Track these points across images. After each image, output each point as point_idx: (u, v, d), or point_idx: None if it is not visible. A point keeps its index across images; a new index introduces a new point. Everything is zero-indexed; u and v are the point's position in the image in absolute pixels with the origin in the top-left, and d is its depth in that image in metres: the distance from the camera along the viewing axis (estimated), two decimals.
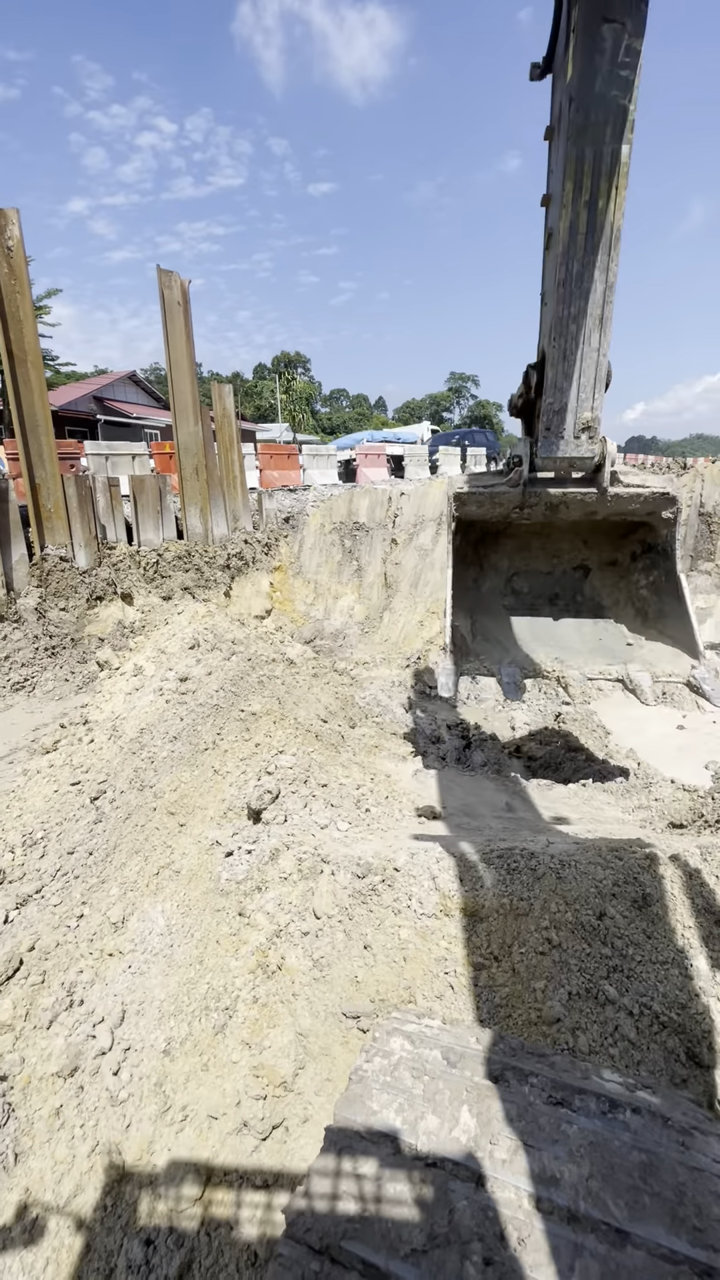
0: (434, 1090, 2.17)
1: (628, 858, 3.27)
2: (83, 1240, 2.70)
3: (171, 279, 11.20)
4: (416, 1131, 2.04)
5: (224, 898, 3.76)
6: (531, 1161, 1.90)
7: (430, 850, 3.47)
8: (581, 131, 3.81)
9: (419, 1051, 2.31)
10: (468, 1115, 2.07)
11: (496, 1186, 1.86)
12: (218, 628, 8.47)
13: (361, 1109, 2.15)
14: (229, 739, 5.00)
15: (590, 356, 4.43)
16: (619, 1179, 1.84)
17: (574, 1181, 1.84)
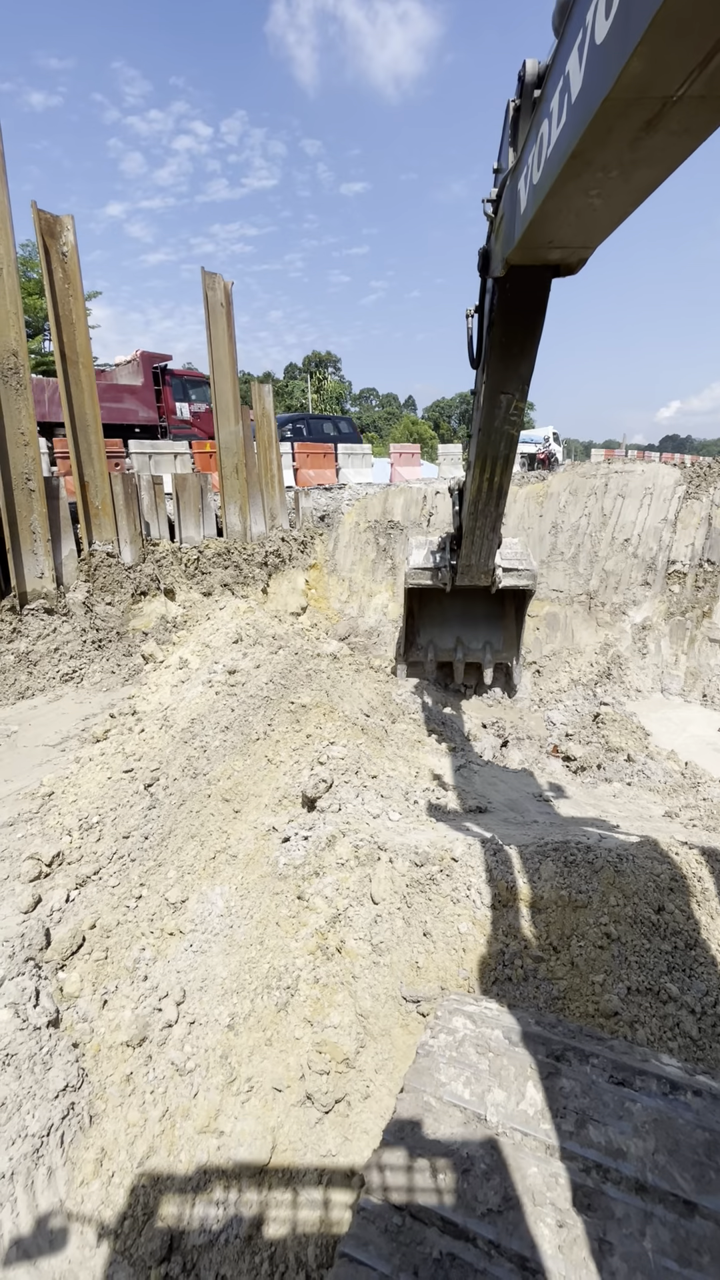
0: (499, 1066, 2.24)
1: (685, 854, 3.30)
2: (157, 1201, 2.83)
3: (215, 281, 11.41)
4: (485, 1103, 2.12)
5: (282, 881, 3.88)
6: (598, 1134, 1.97)
7: (486, 842, 3.54)
8: (485, 445, 6.34)
9: (481, 1030, 2.39)
10: (534, 1089, 2.14)
11: (565, 1156, 1.93)
12: (259, 623, 8.64)
13: (430, 1080, 2.23)
14: (280, 729, 5.13)
15: (487, 544, 8.34)
16: (684, 1154, 1.90)
17: (640, 1155, 1.90)
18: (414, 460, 19.16)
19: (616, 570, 12.18)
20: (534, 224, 3.44)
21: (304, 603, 13.91)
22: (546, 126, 2.99)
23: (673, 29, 1.72)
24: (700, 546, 11.69)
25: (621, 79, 1.95)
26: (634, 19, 1.81)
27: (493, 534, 8.09)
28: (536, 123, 3.22)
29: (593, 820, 4.76)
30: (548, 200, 3.08)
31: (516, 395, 5.68)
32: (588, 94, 2.30)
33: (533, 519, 13.65)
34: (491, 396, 5.74)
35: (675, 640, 11.15)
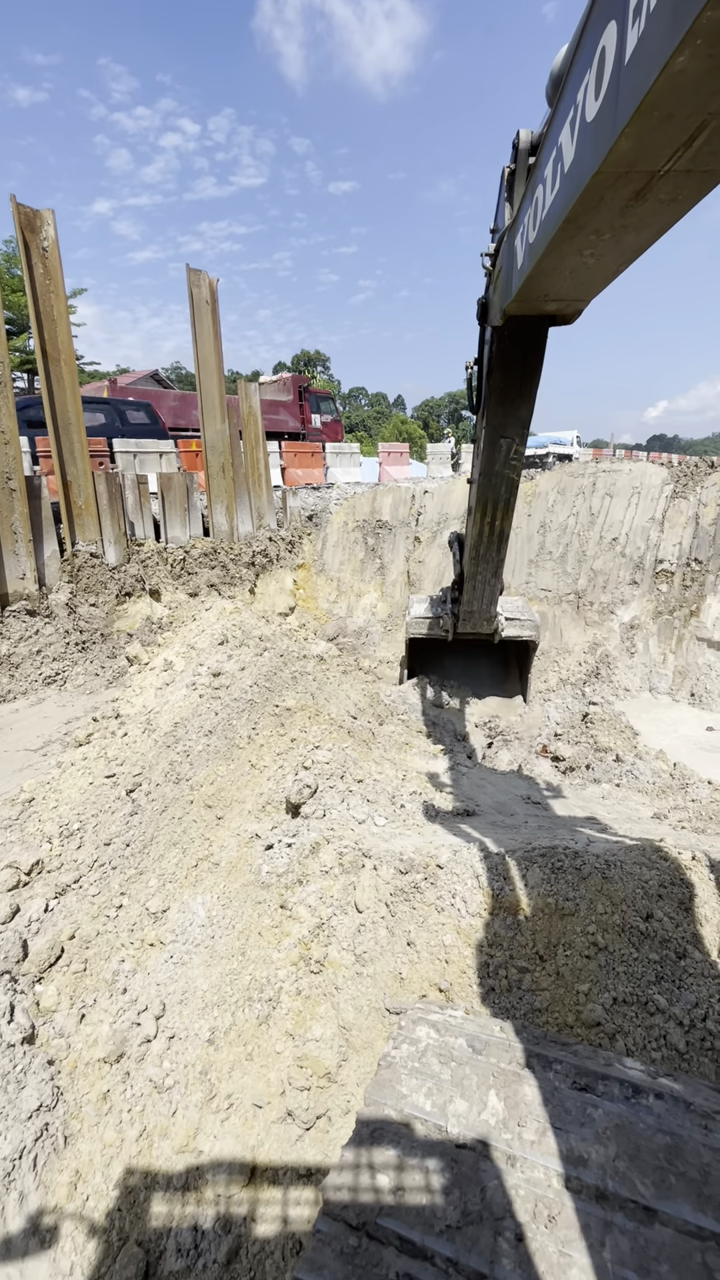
0: (461, 1075, 2.18)
1: (673, 858, 3.24)
2: (133, 1224, 2.74)
3: (200, 278, 11.28)
4: (446, 1114, 2.06)
5: (265, 890, 3.80)
6: (559, 1142, 1.92)
7: (472, 847, 3.48)
8: (486, 489, 6.35)
9: (445, 1040, 2.33)
10: (495, 1099, 2.09)
11: (526, 1166, 1.87)
12: (245, 624, 8.54)
13: (391, 1093, 2.17)
14: (264, 733, 5.04)
15: (488, 590, 8.20)
16: (645, 1160, 1.86)
17: (601, 1162, 1.85)
18: (403, 460, 19.11)
19: (604, 569, 12.18)
20: (530, 279, 3.59)
21: (292, 603, 13.81)
22: (541, 191, 3.13)
23: (659, 114, 1.79)
24: (688, 545, 11.72)
25: (611, 155, 2.04)
26: (622, 103, 1.88)
27: (495, 579, 8.00)
28: (532, 186, 3.37)
29: (581, 822, 4.71)
30: (543, 259, 3.21)
31: (516, 440, 5.75)
32: (579, 166, 2.41)
33: (521, 518, 13.61)
34: (491, 441, 5.80)
35: (663, 639, 11.17)
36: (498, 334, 4.91)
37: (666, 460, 16.96)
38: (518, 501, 14.13)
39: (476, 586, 8.11)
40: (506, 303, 4.25)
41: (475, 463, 6.65)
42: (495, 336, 5.01)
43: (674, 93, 1.69)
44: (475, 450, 6.61)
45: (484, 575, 7.86)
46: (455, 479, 15.50)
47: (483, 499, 6.52)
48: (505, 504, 6.55)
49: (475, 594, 8.27)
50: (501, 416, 5.55)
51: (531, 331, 4.68)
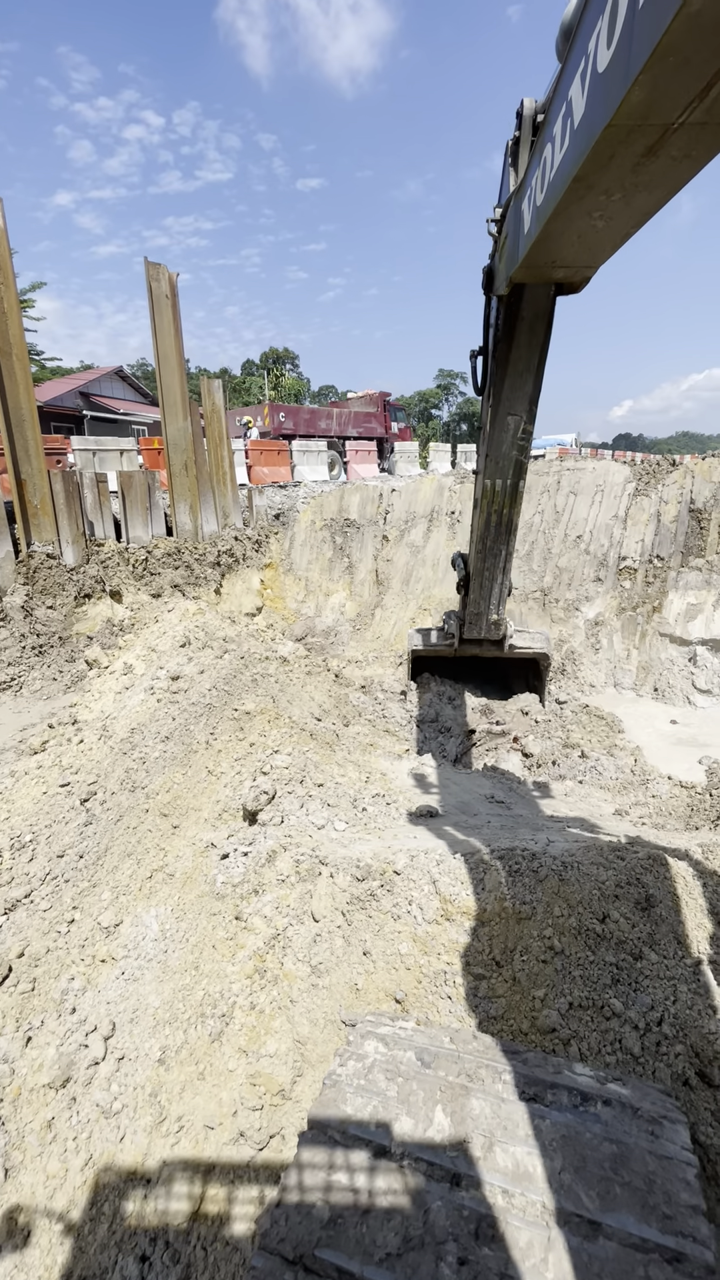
0: (408, 1091, 2.12)
1: (630, 858, 3.23)
2: (76, 1257, 2.62)
3: (159, 272, 11.03)
4: (391, 1134, 2.00)
5: (220, 901, 3.69)
6: (505, 1157, 1.87)
7: (430, 852, 3.42)
8: (494, 472, 6.11)
9: (393, 1054, 2.26)
10: (441, 1115, 2.03)
11: (471, 1184, 1.82)
12: (209, 625, 8.37)
13: (335, 1113, 2.10)
14: (223, 738, 4.91)
15: (497, 588, 7.79)
16: (591, 1171, 1.83)
17: (547, 1175, 1.81)
18: (370, 458, 19.03)
19: (569, 567, 12.30)
20: (538, 244, 3.47)
21: (259, 603, 13.63)
22: (549, 150, 3.00)
23: (673, 60, 1.72)
24: (650, 542, 11.89)
25: (623, 107, 1.96)
26: (635, 49, 1.81)
27: (503, 576, 7.59)
28: (540, 146, 3.25)
29: (544, 821, 4.70)
30: (551, 221, 3.09)
31: (524, 417, 5.56)
32: (590, 120, 2.30)
33: None
34: (498, 419, 5.61)
35: (627, 635, 11.32)
36: (504, 303, 4.78)
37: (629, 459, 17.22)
38: None
39: (483, 584, 7.66)
40: (513, 270, 4.12)
41: (480, 448, 6.39)
42: (501, 306, 4.88)
43: (690, 36, 1.61)
44: (480, 438, 6.36)
45: (491, 571, 7.40)
46: (423, 478, 15.49)
47: (489, 484, 6.24)
48: (513, 489, 6.24)
49: (482, 592, 7.82)
50: (509, 392, 5.37)
51: (538, 300, 4.56)
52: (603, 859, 3.23)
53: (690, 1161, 1.86)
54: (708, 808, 4.66)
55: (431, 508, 14.29)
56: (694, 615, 10.95)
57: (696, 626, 10.83)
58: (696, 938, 2.89)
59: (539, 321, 4.79)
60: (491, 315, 5.24)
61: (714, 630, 10.68)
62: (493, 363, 5.35)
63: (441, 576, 13.96)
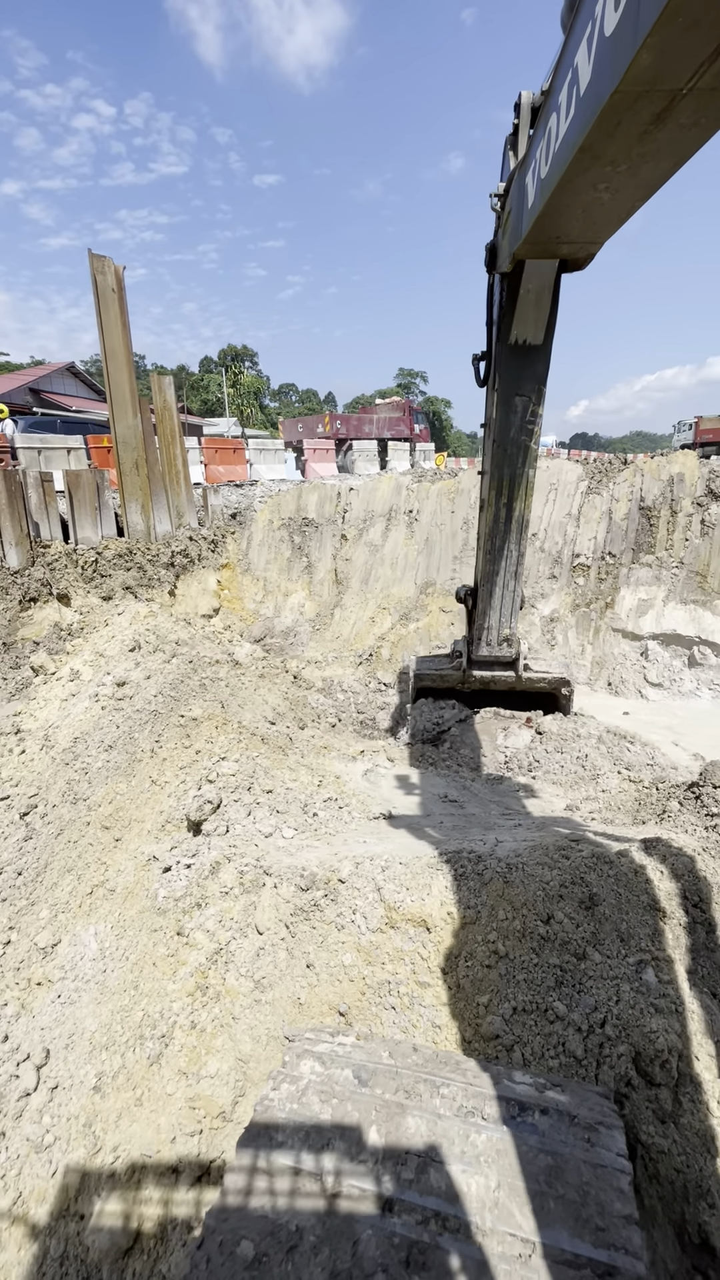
0: (342, 1114, 2.06)
1: (574, 856, 3.23)
2: None
3: (105, 264, 10.69)
4: (321, 1161, 1.93)
5: (161, 916, 3.55)
6: (439, 1178, 1.83)
7: (376, 858, 3.35)
8: (501, 460, 5.72)
9: (330, 1073, 2.19)
10: (375, 1136, 1.97)
11: (403, 1210, 1.77)
12: (160, 628, 8.15)
13: (265, 1142, 2.02)
14: (168, 746, 4.76)
15: (508, 596, 6.82)
16: (525, 1186, 1.80)
17: (480, 1194, 1.78)
18: (329, 456, 18.93)
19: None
20: (542, 218, 3.37)
21: (216, 604, 13.39)
22: (554, 120, 2.90)
23: (683, 21, 1.68)
24: (602, 540, 12.12)
25: (630, 71, 1.91)
26: (644, 11, 1.77)
27: (515, 582, 6.64)
28: (545, 115, 3.15)
29: (495, 821, 4.70)
30: (555, 194, 2.99)
31: (532, 398, 5.27)
32: (596, 87, 2.23)
33: (445, 515, 13.75)
34: (505, 401, 5.31)
35: (581, 631, 11.50)
36: (507, 280, 4.65)
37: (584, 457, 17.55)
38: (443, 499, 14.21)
39: (494, 591, 6.73)
40: (516, 245, 4.02)
41: (486, 441, 6.03)
42: (504, 284, 4.76)
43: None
44: (486, 433, 6.01)
45: (501, 576, 6.55)
46: (381, 477, 15.47)
47: (498, 474, 5.81)
48: (524, 480, 5.84)
49: (491, 602, 6.87)
50: (515, 372, 5.13)
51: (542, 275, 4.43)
52: (548, 859, 3.22)
53: (624, 1169, 1.85)
54: (654, 802, 4.73)
55: (389, 506, 14.28)
56: (645, 611, 11.20)
57: (647, 622, 11.08)
58: (639, 935, 2.90)
59: (545, 294, 4.63)
60: (495, 294, 5.08)
61: (664, 625, 10.95)
62: (497, 343, 5.14)
63: (400, 575, 13.97)
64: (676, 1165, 2.40)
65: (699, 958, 2.94)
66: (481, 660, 7.56)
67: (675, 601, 11.56)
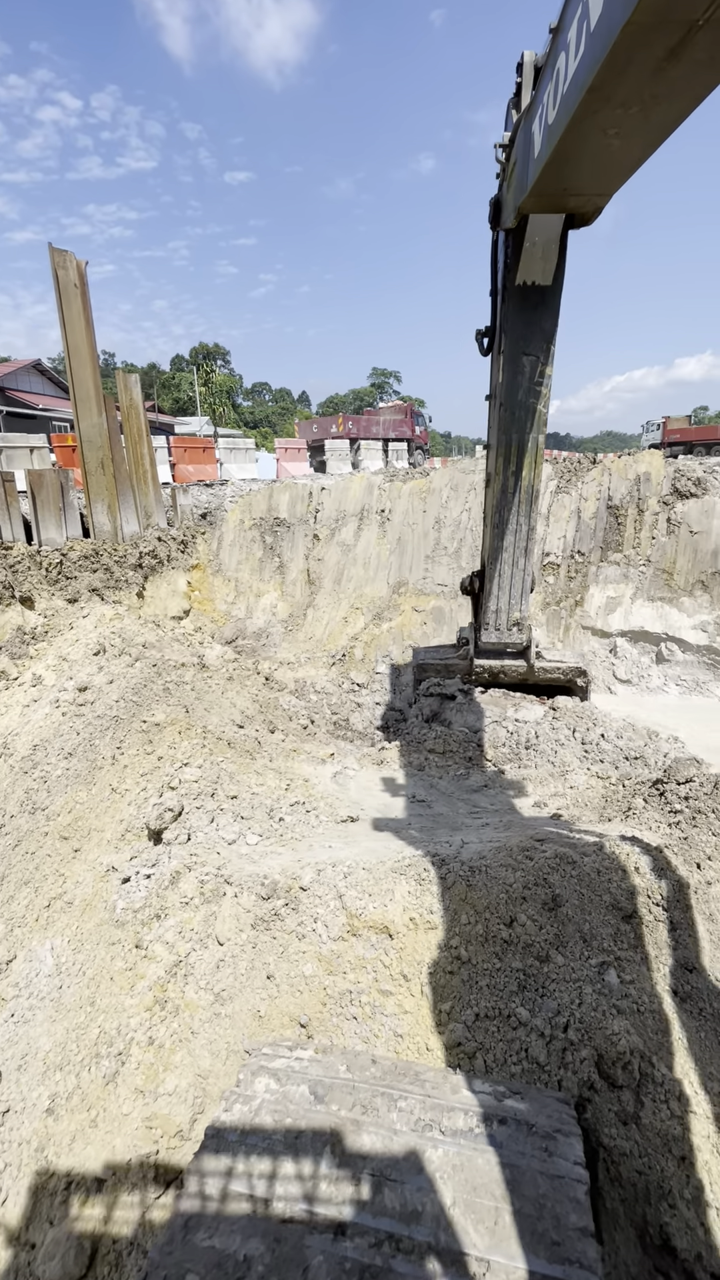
0: (296, 1134, 2.00)
1: (537, 857, 3.21)
2: None
3: (66, 259, 10.45)
4: (274, 1185, 1.87)
5: (120, 929, 3.45)
6: (393, 1197, 1.78)
7: (338, 865, 3.30)
8: (509, 425, 5.36)
9: (285, 1090, 2.13)
10: (330, 1156, 1.92)
11: (356, 1232, 1.72)
12: (126, 631, 7.98)
13: (215, 1167, 1.94)
14: (130, 753, 4.64)
15: (517, 575, 6.30)
16: (480, 1202, 1.76)
17: (435, 1213, 1.74)
18: (301, 455, 18.83)
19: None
20: (549, 167, 3.22)
21: (186, 605, 13.20)
22: (563, 60, 2.75)
23: None
24: (571, 538, 12.23)
25: (643, 2, 1.79)
26: None
27: (525, 560, 6.18)
28: (553, 56, 3.00)
29: (462, 821, 4.68)
30: (563, 141, 2.84)
31: (541, 357, 5.00)
32: (608, 20, 2.10)
33: (416, 514, 13.75)
34: (512, 361, 5.03)
35: (551, 629, 11.60)
36: (512, 237, 4.49)
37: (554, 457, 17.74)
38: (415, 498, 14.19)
39: (502, 570, 6.23)
40: (522, 199, 3.87)
41: (492, 409, 5.69)
42: (509, 240, 4.59)
43: None
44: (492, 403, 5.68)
45: (510, 553, 6.11)
46: (353, 476, 15.43)
47: (504, 441, 5.47)
48: (532, 446, 5.47)
49: (500, 582, 6.36)
50: (522, 329, 4.90)
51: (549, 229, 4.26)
52: (511, 860, 3.20)
53: (580, 1179, 1.82)
54: (620, 799, 4.76)
55: (361, 506, 14.24)
56: (613, 608, 11.34)
57: (616, 619, 11.21)
58: (601, 935, 2.89)
59: (552, 246, 4.46)
60: (499, 250, 4.90)
61: (632, 622, 11.09)
62: (502, 302, 4.93)
63: (373, 575, 13.93)
64: (638, 1167, 2.40)
65: (661, 956, 2.95)
66: (489, 648, 6.98)
67: (643, 599, 11.72)
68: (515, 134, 4.05)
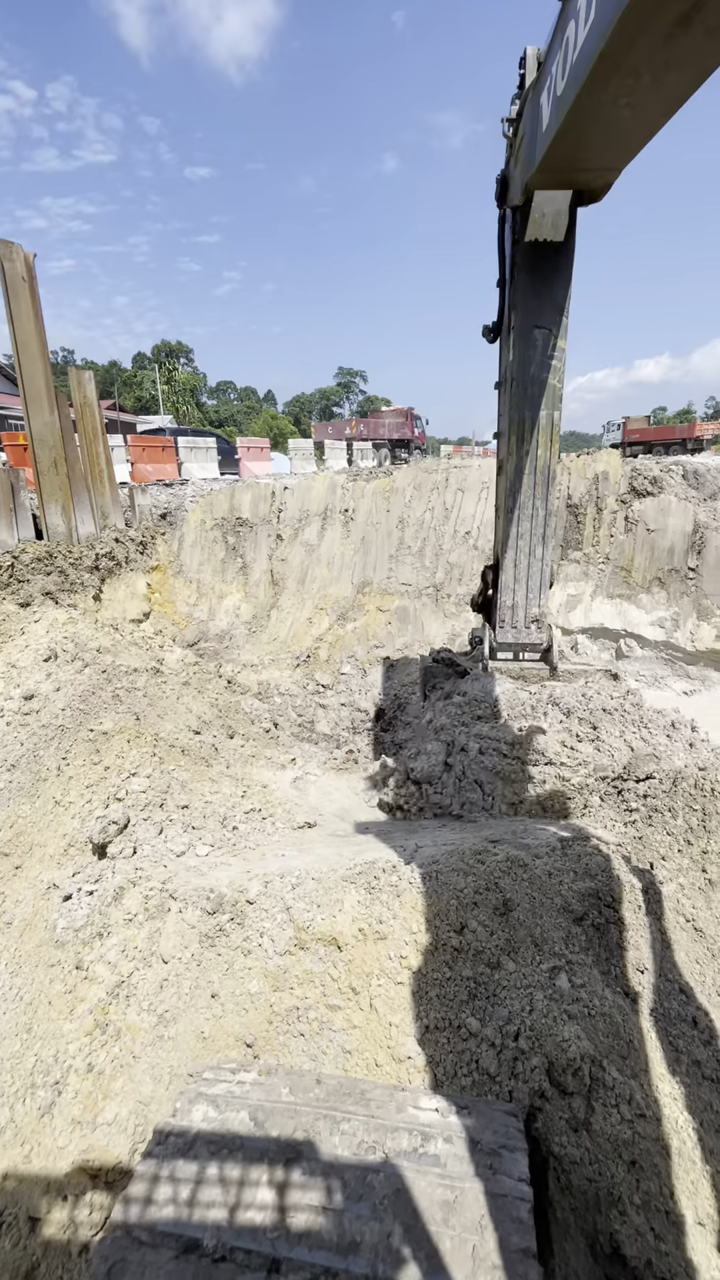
0: (233, 1165, 1.90)
1: (489, 860, 3.17)
2: None
3: (13, 251, 10.09)
4: (206, 1224, 1.77)
5: (60, 949, 3.29)
6: (331, 1229, 1.71)
7: (287, 875, 3.20)
8: (521, 401, 5.14)
9: (224, 1117, 2.04)
10: (266, 1189, 1.83)
11: (291, 1268, 1.64)
12: (80, 636, 7.74)
13: (144, 1209, 1.83)
14: (76, 764, 4.46)
15: (535, 565, 5.75)
16: (421, 1228, 1.70)
17: (374, 1242, 1.66)
18: (263, 455, 18.62)
19: (459, 563, 12.55)
20: (558, 140, 3.15)
21: (147, 608, 12.91)
22: (572, 28, 2.70)
23: None
24: None
25: None
26: None
27: (543, 549, 5.67)
28: (562, 24, 2.95)
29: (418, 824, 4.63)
30: (573, 111, 2.78)
31: (553, 330, 4.85)
32: None
33: (380, 514, 13.71)
34: (524, 335, 4.86)
35: None
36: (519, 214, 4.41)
37: None
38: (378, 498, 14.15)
39: (517, 561, 5.73)
40: (529, 174, 3.79)
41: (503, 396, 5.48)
42: (517, 218, 4.52)
43: None
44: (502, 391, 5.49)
45: (528, 541, 5.65)
46: (315, 476, 15.31)
47: (518, 419, 5.22)
48: (547, 423, 5.21)
49: (516, 574, 5.80)
50: (533, 301, 4.77)
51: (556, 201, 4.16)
52: (463, 864, 3.15)
53: (523, 1196, 1.77)
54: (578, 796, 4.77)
55: (325, 505, 14.14)
56: (574, 606, 11.47)
57: (576, 616, 11.35)
58: (553, 939, 2.86)
59: (561, 218, 4.36)
60: (506, 230, 4.82)
61: (592, 619, 11.24)
62: (511, 278, 4.84)
63: (337, 575, 13.85)
64: (589, 1175, 2.37)
65: (612, 958, 2.93)
66: (506, 649, 6.29)
67: (602, 596, 11.90)
68: (523, 108, 4.02)
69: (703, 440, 35.10)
